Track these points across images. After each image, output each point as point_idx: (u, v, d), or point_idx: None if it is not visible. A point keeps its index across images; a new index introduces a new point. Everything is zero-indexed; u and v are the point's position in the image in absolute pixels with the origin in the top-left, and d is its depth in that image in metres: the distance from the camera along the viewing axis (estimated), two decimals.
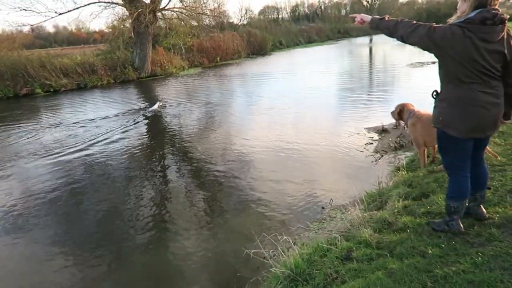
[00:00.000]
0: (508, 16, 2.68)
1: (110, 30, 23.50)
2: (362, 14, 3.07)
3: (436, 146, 4.49)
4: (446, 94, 2.71)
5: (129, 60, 21.21)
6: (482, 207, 3.13)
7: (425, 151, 4.63)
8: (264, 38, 32.63)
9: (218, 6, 27.63)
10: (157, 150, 8.10)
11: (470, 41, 2.48)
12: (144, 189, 6.02)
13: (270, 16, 57.30)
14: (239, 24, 41.73)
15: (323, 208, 4.74)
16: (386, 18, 2.89)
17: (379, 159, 6.08)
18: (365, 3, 56.49)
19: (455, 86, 2.63)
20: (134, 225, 4.84)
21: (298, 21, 52.28)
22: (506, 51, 2.54)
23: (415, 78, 14.13)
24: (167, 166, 7.14)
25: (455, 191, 2.93)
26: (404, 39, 2.75)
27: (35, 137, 9.64)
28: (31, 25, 21.48)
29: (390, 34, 2.86)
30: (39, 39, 37.91)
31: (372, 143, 6.89)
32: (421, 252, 2.83)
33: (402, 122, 4.95)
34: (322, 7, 63.28)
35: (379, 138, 7.09)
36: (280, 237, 3.54)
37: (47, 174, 6.82)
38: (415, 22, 2.73)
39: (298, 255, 3.10)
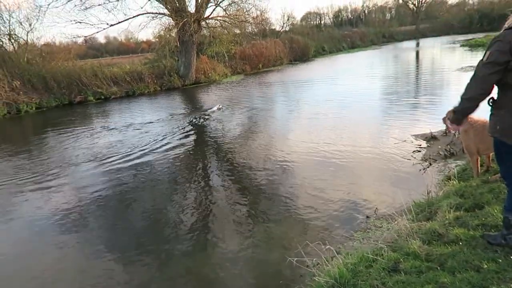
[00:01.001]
0: None
1: (157, 39, 24.46)
2: (450, 124, 2.92)
3: (491, 154, 4.27)
4: (504, 101, 2.57)
5: (174, 68, 21.91)
6: None
7: (478, 160, 4.39)
8: (306, 44, 32.53)
9: (261, 14, 27.85)
10: (201, 156, 8.28)
11: None
12: (188, 194, 6.16)
13: (312, 22, 57.09)
14: (281, 30, 41.89)
15: (367, 217, 4.62)
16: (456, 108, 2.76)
17: (428, 167, 5.83)
18: (411, 6, 54.72)
19: (506, 90, 2.49)
20: (178, 230, 4.95)
21: (341, 26, 51.72)
22: None
23: (466, 83, 13.45)
24: (210, 172, 7.28)
25: (511, 203, 2.76)
26: (480, 95, 2.58)
27: (88, 142, 10.18)
28: (85, 36, 22.80)
29: (469, 109, 2.67)
30: (92, 49, 40.08)
31: (420, 151, 6.63)
32: (475, 267, 2.68)
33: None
34: (366, 12, 62.17)
35: (428, 146, 6.81)
36: (323, 246, 3.50)
37: (98, 179, 7.16)
38: (471, 81, 2.62)
39: (342, 264, 3.03)
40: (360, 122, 9.61)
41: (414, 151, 6.68)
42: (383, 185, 5.61)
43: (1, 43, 19.19)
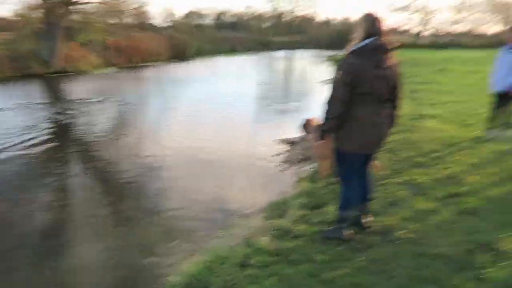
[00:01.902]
0: (397, 45, 3.08)
1: (18, 18, 21.42)
2: (317, 143, 3.25)
3: None
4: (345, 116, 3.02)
5: (35, 53, 19.49)
6: (367, 216, 3.50)
7: (326, 163, 4.99)
8: (186, 43, 32.30)
9: (140, 6, 26.78)
10: (59, 153, 7.54)
11: (364, 66, 2.81)
12: (40, 196, 5.55)
13: (194, 22, 57.03)
14: (162, 26, 40.81)
15: (230, 216, 4.85)
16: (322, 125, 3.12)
17: (287, 169, 6.40)
18: (286, 19, 58.96)
19: (352, 107, 2.93)
20: (24, 237, 4.44)
21: (222, 29, 52.72)
22: (392, 77, 2.92)
23: (327, 98, 15.11)
24: (70, 171, 6.68)
25: (345, 201, 3.25)
26: (338, 113, 2.93)
27: None
28: None
29: (332, 126, 3.02)
30: None
31: (281, 154, 7.22)
32: (312, 258, 3.07)
33: (309, 135, 5.30)
34: (246, 18, 64.69)
35: (289, 149, 7.46)
36: (184, 245, 3.56)
37: None
38: (332, 100, 2.97)
39: (197, 263, 3.16)
40: (233, 123, 9.99)
41: (278, 154, 7.24)
42: (248, 186, 5.94)
43: None
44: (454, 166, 5.12)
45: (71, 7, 20.30)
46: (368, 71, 2.81)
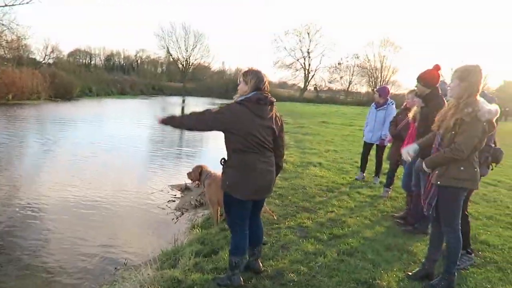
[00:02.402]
0: (278, 98, 3.38)
1: None
2: (159, 116, 3.24)
3: None
4: (231, 162, 3.13)
5: None
6: (259, 261, 3.54)
7: (219, 210, 5.00)
8: (71, 82, 30.35)
9: (18, 39, 24.53)
10: None
11: (249, 116, 2.98)
12: None
13: (81, 60, 54.20)
14: (43, 62, 37.72)
15: (116, 269, 4.46)
16: (176, 117, 3.21)
17: (180, 216, 6.21)
18: (180, 66, 59.75)
19: (238, 155, 3.06)
20: None
21: (112, 70, 51.04)
22: (275, 127, 3.12)
23: (219, 141, 15.44)
24: None
25: (235, 247, 3.26)
26: (192, 129, 3.17)
27: None
28: None
29: (179, 128, 3.32)
30: None
31: (174, 201, 7.02)
32: None
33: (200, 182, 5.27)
34: (139, 62, 63.84)
35: (182, 196, 7.30)
36: None
37: None
38: (196, 112, 3.13)
39: None
40: (123, 168, 9.49)
41: (169, 200, 7.01)
42: (137, 236, 5.59)
43: None
44: (336, 210, 5.56)
45: None
46: (251, 120, 2.99)
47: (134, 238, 5.47)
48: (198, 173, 5.10)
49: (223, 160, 3.22)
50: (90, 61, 56.63)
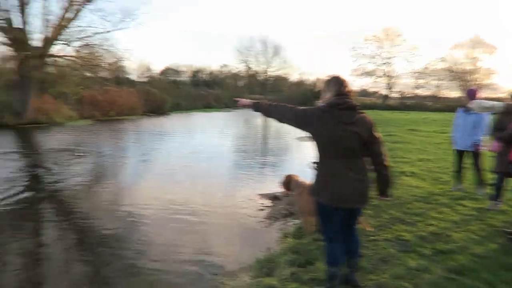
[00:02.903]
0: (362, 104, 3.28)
1: None
2: (244, 99, 3.48)
3: None
4: (318, 166, 3.10)
5: (7, 104, 19.10)
6: (356, 274, 3.38)
7: (310, 220, 4.92)
8: (162, 98, 32.68)
9: (116, 61, 27.17)
10: (34, 206, 7.09)
11: (328, 121, 2.92)
12: (14, 251, 5.16)
13: (170, 78, 58.14)
14: (139, 81, 41.30)
15: (215, 274, 4.59)
16: (264, 102, 3.36)
17: (270, 225, 6.24)
18: (260, 78, 61.20)
19: (322, 159, 3.05)
20: None
21: (198, 86, 53.92)
22: (361, 133, 2.96)
23: (304, 150, 15.38)
24: (44, 226, 6.30)
25: (328, 257, 3.16)
26: (275, 118, 3.27)
27: None
28: None
29: (267, 115, 3.33)
30: None
31: (264, 209, 7.08)
32: None
33: (290, 192, 5.25)
34: (222, 76, 66.62)
35: (271, 205, 7.34)
36: None
37: None
38: (286, 105, 3.21)
39: None
40: (212, 177, 9.84)
41: (260, 209, 7.10)
42: (231, 243, 5.73)
43: None
44: (436, 223, 5.14)
45: (46, 59, 20.33)
46: (330, 125, 2.93)
47: (226, 245, 5.59)
48: (288, 183, 5.09)
49: (315, 165, 3.21)
50: (178, 78, 60.50)
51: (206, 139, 18.08)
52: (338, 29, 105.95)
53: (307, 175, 5.20)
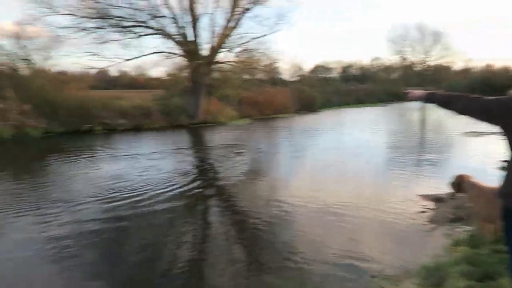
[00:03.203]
0: None
1: (168, 77, 25.10)
2: (415, 91, 3.12)
3: None
4: (510, 166, 2.58)
5: (182, 107, 22.23)
6: None
7: (489, 227, 4.28)
8: (313, 96, 33.18)
9: (271, 63, 28.73)
10: (201, 195, 8.14)
11: None
12: (184, 233, 6.04)
13: (320, 75, 58.60)
14: (290, 80, 42.95)
15: (372, 276, 4.42)
16: (441, 92, 2.94)
17: (434, 230, 5.69)
18: (416, 69, 56.36)
19: None
20: (169, 270, 4.77)
21: (348, 81, 52.91)
22: None
23: (470, 147, 13.56)
24: (209, 212, 7.17)
25: None
26: (457, 110, 2.77)
27: (89, 171, 10.16)
28: (98, 68, 23.08)
29: (445, 106, 2.88)
30: (104, 81, 40.92)
31: (425, 212, 6.51)
32: None
33: (462, 194, 4.66)
34: (373, 70, 63.91)
35: (434, 207, 6.69)
36: None
37: (95, 212, 7.00)
38: (468, 95, 2.72)
39: None
40: (364, 174, 9.57)
41: (420, 211, 6.55)
42: (387, 244, 5.45)
43: (16, 67, 19.67)
44: None
45: (213, 66, 22.85)
46: None
47: (384, 247, 5.32)
48: (460, 183, 4.53)
49: (504, 164, 2.70)
50: (328, 75, 60.53)
51: (358, 135, 17.63)
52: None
53: (481, 176, 4.56)
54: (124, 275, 4.68)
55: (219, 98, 24.63)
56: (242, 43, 23.06)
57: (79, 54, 25.90)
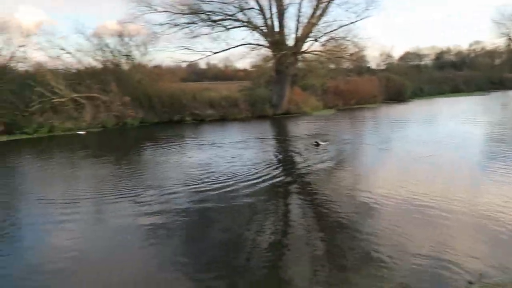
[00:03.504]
0: None
1: (254, 69, 25.58)
2: None
3: None
4: None
5: (267, 98, 22.55)
6: None
7: None
8: (403, 84, 31.29)
9: (358, 51, 27.64)
10: (284, 184, 8.22)
11: None
12: (266, 221, 6.18)
13: (411, 62, 54.96)
14: (378, 69, 40.93)
15: (470, 283, 4.04)
16: None
17: None
18: None
19: None
20: (251, 257, 4.93)
21: (442, 68, 48.84)
22: None
23: None
24: (291, 202, 7.22)
25: None
26: None
27: (179, 158, 10.89)
28: (189, 61, 24.47)
29: None
30: (193, 73, 43.15)
31: None
32: None
33: None
34: (472, 55, 58.18)
35: None
36: None
37: (185, 196, 7.49)
38: None
39: None
40: (458, 169, 8.84)
41: None
42: (483, 246, 4.99)
43: (119, 62, 21.61)
44: None
45: (298, 56, 22.72)
46: None
47: (481, 250, 4.87)
48: None
49: None
50: (420, 62, 56.48)
51: (454, 126, 16.25)
52: None
53: None
54: (209, 256, 4.95)
55: (303, 88, 24.50)
56: (329, 32, 22.52)
57: (173, 49, 27.56)
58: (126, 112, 18.90)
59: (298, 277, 4.42)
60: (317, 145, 12.27)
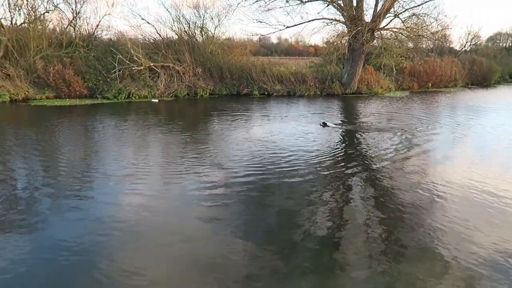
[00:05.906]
0: None
1: (325, 45, 24.83)
2: None
3: None
4: None
5: (337, 75, 21.90)
6: None
7: None
8: (490, 68, 28.58)
9: (442, 30, 25.54)
10: (346, 169, 7.91)
11: None
12: (325, 203, 6.07)
13: (501, 44, 49.75)
14: (461, 50, 37.67)
15: None
16: None
17: None
18: None
19: None
20: (306, 237, 4.91)
21: None
22: None
23: None
24: (352, 187, 6.99)
25: None
26: None
27: (245, 131, 11.14)
28: (262, 35, 24.44)
29: None
30: (264, 47, 43.07)
31: None
32: None
33: None
34: None
35: None
36: None
37: (246, 170, 7.64)
38: None
39: None
40: None
41: None
42: None
43: (194, 34, 22.19)
44: None
45: (375, 33, 21.52)
46: None
47: None
48: None
49: None
50: None
51: None
52: None
53: None
54: (265, 235, 5.02)
55: (376, 67, 23.36)
56: (412, 8, 20.98)
57: (246, 22, 27.65)
58: (198, 82, 19.55)
59: (351, 262, 4.34)
60: (324, 125, 11.94)
